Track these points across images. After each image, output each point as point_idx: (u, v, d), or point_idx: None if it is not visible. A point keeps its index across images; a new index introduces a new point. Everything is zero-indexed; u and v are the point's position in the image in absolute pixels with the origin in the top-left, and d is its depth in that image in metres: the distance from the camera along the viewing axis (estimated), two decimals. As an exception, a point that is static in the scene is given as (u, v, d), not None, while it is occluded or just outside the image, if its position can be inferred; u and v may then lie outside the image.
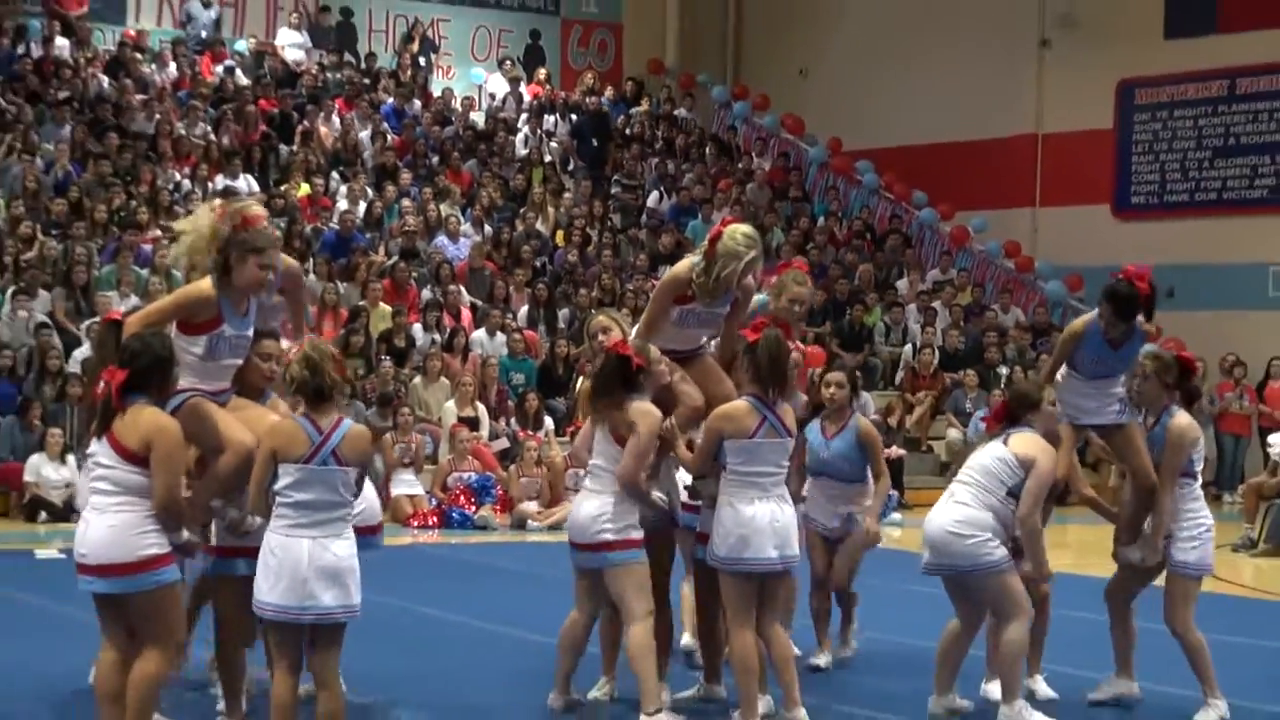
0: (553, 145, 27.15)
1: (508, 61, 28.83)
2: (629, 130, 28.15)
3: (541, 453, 18.40)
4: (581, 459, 8.46)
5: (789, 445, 8.04)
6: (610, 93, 28.99)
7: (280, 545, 6.86)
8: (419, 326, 20.84)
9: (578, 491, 8.56)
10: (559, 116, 27.83)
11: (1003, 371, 22.49)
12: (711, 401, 8.17)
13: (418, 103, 26.90)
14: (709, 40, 30.99)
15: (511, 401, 19.98)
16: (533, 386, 20.14)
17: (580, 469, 9.40)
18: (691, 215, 25.55)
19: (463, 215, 23.94)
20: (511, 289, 22.19)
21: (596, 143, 27.65)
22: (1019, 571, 8.18)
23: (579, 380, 16.60)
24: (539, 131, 27.05)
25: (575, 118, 27.94)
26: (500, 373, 20.15)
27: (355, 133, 25.19)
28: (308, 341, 7.19)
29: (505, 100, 27.98)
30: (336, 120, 25.43)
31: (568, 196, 25.36)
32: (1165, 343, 18.96)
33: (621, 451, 7.92)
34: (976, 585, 8.23)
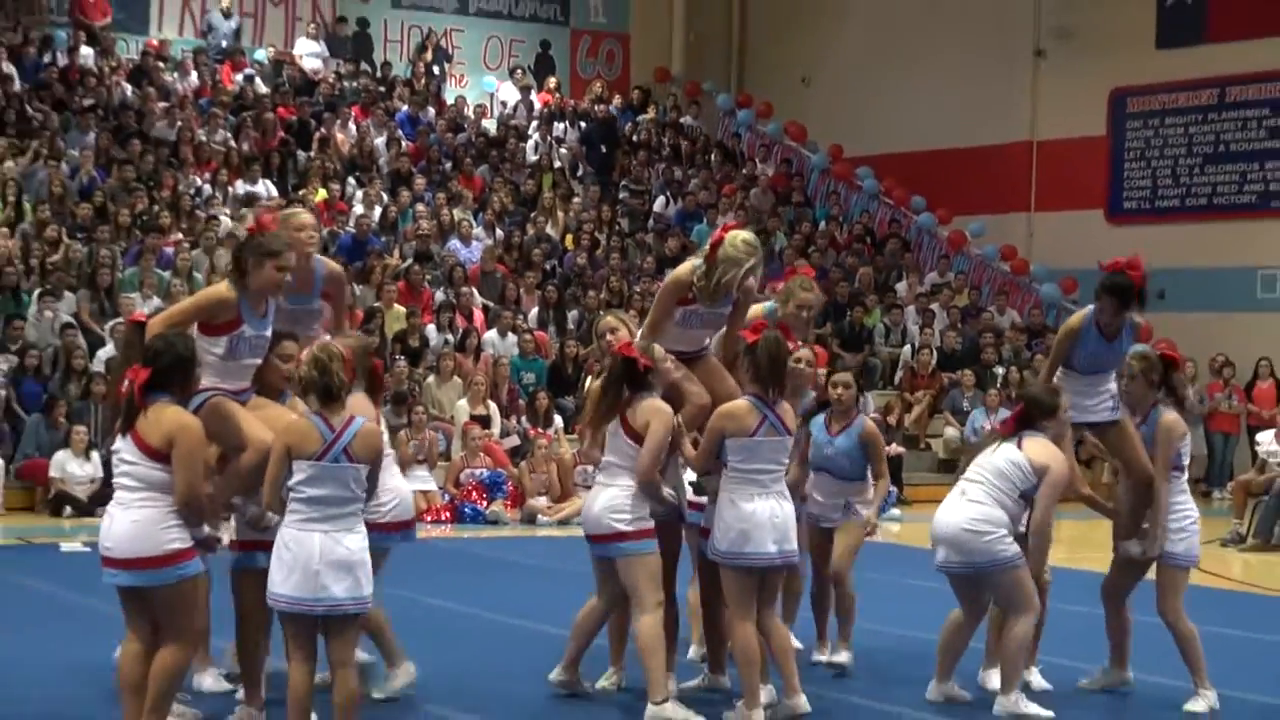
0: (562, 151, 27.15)
1: (519, 70, 28.84)
2: (636, 137, 28.15)
3: (551, 450, 18.41)
4: (593, 457, 8.46)
5: (788, 443, 8.05)
6: (618, 101, 29.00)
7: (294, 539, 6.87)
8: (433, 327, 20.85)
9: (587, 488, 8.58)
10: (568, 124, 27.83)
11: (999, 371, 22.50)
12: (716, 400, 8.17)
13: (431, 110, 26.91)
14: (714, 50, 30.98)
15: (522, 400, 19.98)
16: (543, 385, 20.14)
17: (590, 465, 9.41)
18: (697, 220, 25.54)
19: (475, 219, 23.95)
20: (522, 291, 22.20)
21: (605, 149, 27.64)
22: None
23: (587, 379, 16.59)
24: (549, 138, 27.08)
25: (584, 125, 27.94)
26: (511, 372, 20.16)
27: (371, 139, 25.21)
28: (317, 343, 7.19)
29: (516, 108, 27.98)
30: (353, 127, 25.46)
31: (577, 201, 25.37)
32: (1157, 343, 18.96)
33: (632, 446, 7.93)
34: (990, 581, 8.23)
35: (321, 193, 23.03)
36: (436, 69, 28.17)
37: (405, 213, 23.39)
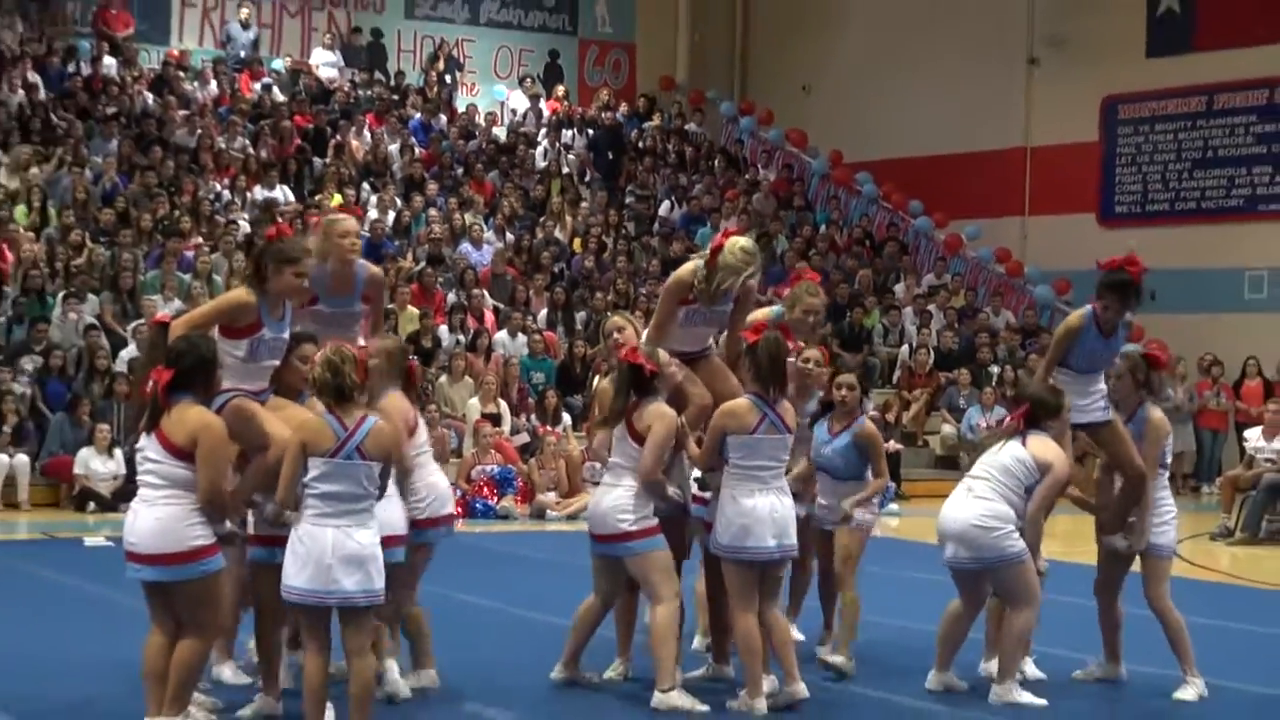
0: (570, 158, 27.16)
1: (528, 79, 28.87)
2: (642, 144, 28.15)
3: (560, 446, 18.42)
4: (601, 457, 8.47)
5: (789, 441, 8.07)
6: (624, 108, 29.02)
7: (307, 534, 6.90)
8: (445, 328, 20.86)
9: (595, 484, 8.59)
10: (576, 131, 27.85)
11: (994, 370, 22.51)
12: (719, 400, 8.18)
13: (443, 118, 26.93)
14: (717, 59, 31.00)
15: (532, 399, 19.99)
16: (552, 384, 20.15)
17: (598, 463, 9.40)
18: (701, 223, 25.54)
19: (486, 224, 23.96)
20: (531, 293, 22.21)
21: (611, 155, 27.65)
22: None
23: (595, 378, 16.61)
24: (557, 145, 27.09)
25: (591, 132, 27.95)
26: (521, 372, 20.17)
27: (385, 146, 25.23)
28: (329, 345, 7.21)
29: (526, 115, 28.01)
30: (367, 134, 25.49)
31: (584, 206, 25.38)
32: (1149, 343, 18.99)
33: (637, 448, 7.96)
34: (995, 576, 8.24)
35: (337, 198, 23.05)
36: (448, 78, 28.21)
37: (418, 217, 23.41)
